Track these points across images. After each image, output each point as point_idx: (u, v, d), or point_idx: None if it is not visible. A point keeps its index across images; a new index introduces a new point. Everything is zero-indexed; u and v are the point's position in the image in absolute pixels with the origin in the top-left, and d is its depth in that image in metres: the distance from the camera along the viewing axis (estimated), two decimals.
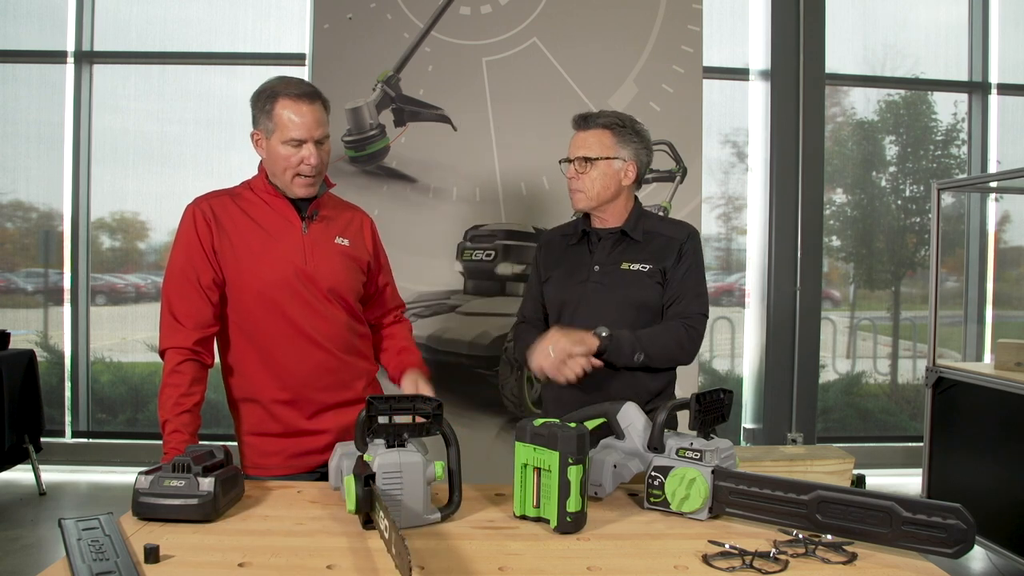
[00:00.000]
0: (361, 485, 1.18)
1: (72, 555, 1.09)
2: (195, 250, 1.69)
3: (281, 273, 1.70)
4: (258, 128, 1.70)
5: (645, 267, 1.88)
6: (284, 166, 1.68)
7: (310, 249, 1.73)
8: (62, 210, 4.63)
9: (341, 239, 1.79)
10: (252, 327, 1.72)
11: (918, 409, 4.84)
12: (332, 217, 1.80)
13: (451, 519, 1.33)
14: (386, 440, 1.29)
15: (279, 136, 1.66)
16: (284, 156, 1.67)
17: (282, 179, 1.70)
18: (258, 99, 1.70)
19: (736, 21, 4.72)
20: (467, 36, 3.13)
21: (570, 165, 1.91)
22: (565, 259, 1.98)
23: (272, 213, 1.74)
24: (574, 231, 2.00)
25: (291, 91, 1.67)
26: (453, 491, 1.33)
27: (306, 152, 1.67)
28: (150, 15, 4.61)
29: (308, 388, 1.73)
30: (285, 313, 1.71)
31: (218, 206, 1.73)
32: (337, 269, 1.76)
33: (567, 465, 1.25)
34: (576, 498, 1.26)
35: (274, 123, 1.66)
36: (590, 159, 1.87)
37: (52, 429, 4.37)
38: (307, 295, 1.72)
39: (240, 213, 1.73)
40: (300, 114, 1.65)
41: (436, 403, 1.32)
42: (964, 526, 1.11)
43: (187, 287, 1.69)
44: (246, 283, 1.70)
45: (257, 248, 1.70)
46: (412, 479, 1.25)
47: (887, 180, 5.04)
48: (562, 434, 1.26)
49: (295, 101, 1.66)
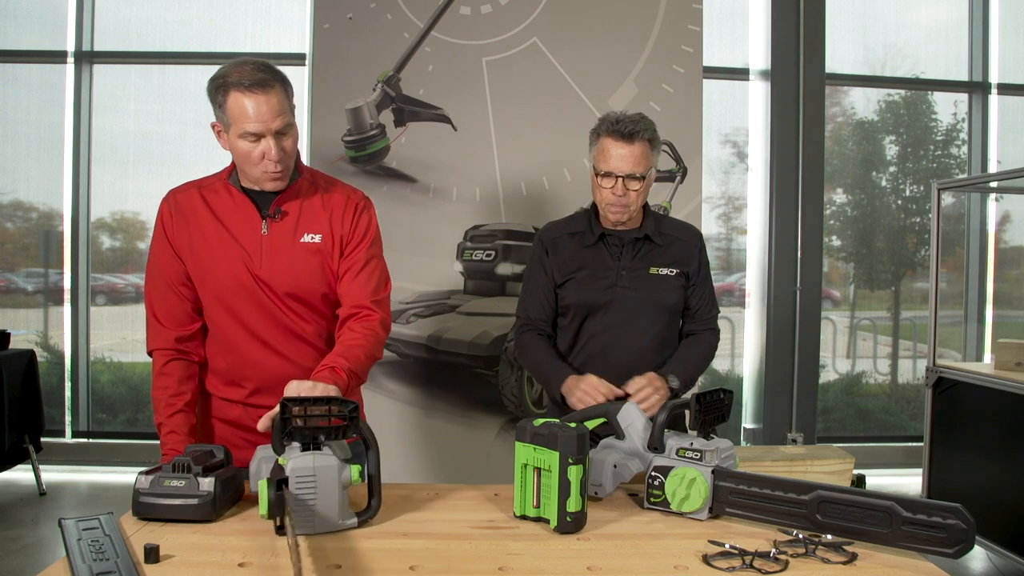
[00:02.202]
0: (274, 489, 1.17)
1: (72, 555, 1.09)
2: (163, 247, 1.64)
3: (234, 276, 1.61)
4: (217, 120, 1.57)
5: (672, 271, 1.92)
6: (246, 161, 1.56)
7: (268, 251, 1.61)
8: (62, 210, 4.63)
9: (310, 236, 1.63)
10: (213, 327, 1.67)
11: (918, 409, 4.83)
12: (300, 211, 1.65)
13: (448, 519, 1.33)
14: (302, 443, 1.25)
15: (235, 130, 1.52)
16: (244, 151, 1.54)
17: (250, 173, 1.59)
18: (211, 89, 1.54)
19: (736, 21, 4.72)
20: (467, 36, 3.13)
21: (616, 182, 1.84)
22: (585, 261, 1.94)
23: (233, 209, 1.63)
24: (586, 231, 1.96)
25: (243, 80, 1.49)
26: (372, 496, 1.30)
27: (265, 146, 1.53)
28: (150, 15, 4.61)
29: (262, 395, 1.65)
30: (240, 318, 1.63)
31: (184, 200, 1.64)
32: (298, 271, 1.62)
33: (567, 465, 1.25)
34: (576, 498, 1.26)
35: (228, 116, 1.52)
36: (640, 177, 1.84)
37: (52, 429, 4.37)
38: (262, 300, 1.62)
39: (203, 208, 1.63)
40: (254, 106, 1.49)
41: (352, 405, 1.28)
42: (964, 526, 1.11)
43: (161, 286, 1.64)
44: (203, 283, 1.63)
45: (213, 247, 1.61)
46: (326, 483, 1.22)
47: (887, 180, 5.04)
48: (562, 434, 1.26)
49: (246, 93, 1.49)
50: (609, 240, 1.93)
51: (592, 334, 1.93)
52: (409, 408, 3.10)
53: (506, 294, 3.12)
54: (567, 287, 1.95)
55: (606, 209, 1.88)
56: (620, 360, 1.89)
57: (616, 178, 1.83)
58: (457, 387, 3.10)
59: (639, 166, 1.83)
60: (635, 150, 1.82)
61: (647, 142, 1.84)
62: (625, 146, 1.82)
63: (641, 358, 1.90)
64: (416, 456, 3.11)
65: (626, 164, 1.82)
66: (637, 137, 1.82)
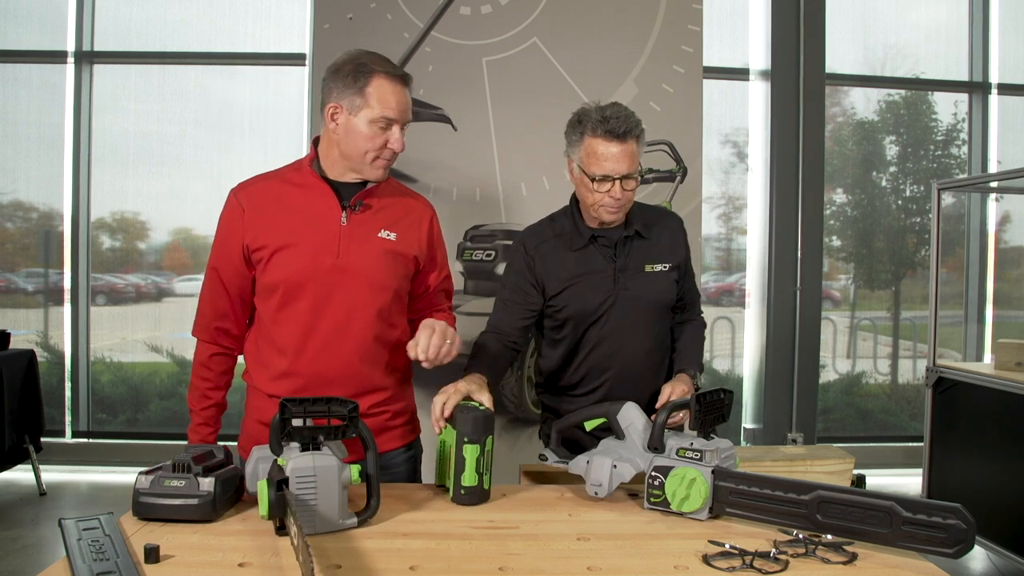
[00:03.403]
0: (274, 490, 1.17)
1: (72, 555, 1.09)
2: (223, 243, 1.66)
3: (310, 265, 1.60)
4: (339, 101, 1.58)
5: (666, 266, 1.86)
6: (365, 147, 1.59)
7: (346, 242, 1.62)
8: (62, 210, 4.63)
9: (387, 233, 1.66)
10: (272, 319, 1.64)
11: (918, 409, 4.83)
12: (381, 207, 1.68)
13: (448, 519, 1.33)
14: (301, 443, 1.25)
15: (368, 114, 1.57)
16: (368, 136, 1.58)
17: (358, 161, 1.61)
18: (348, 72, 1.57)
19: (736, 21, 4.72)
20: (467, 36, 3.13)
21: (613, 184, 1.72)
22: (579, 267, 1.83)
23: (313, 199, 1.64)
24: (573, 232, 1.85)
25: (390, 69, 1.58)
26: (371, 495, 1.30)
27: (395, 134, 1.60)
28: (150, 15, 4.61)
29: (309, 391, 1.63)
30: (304, 311, 1.62)
31: (256, 193, 1.65)
32: (375, 266, 1.64)
33: (462, 443, 1.39)
34: (471, 474, 1.39)
35: (365, 99, 1.56)
36: (635, 176, 1.74)
37: (52, 429, 4.37)
38: (335, 294, 1.61)
39: (280, 198, 1.64)
40: (397, 94, 1.58)
41: (352, 405, 1.28)
42: (964, 526, 1.11)
43: (215, 279, 1.67)
44: (283, 271, 1.61)
45: (290, 237, 1.61)
46: (326, 483, 1.22)
47: (887, 180, 5.04)
48: (461, 416, 1.41)
49: (393, 81, 1.58)
50: (600, 241, 1.84)
51: (595, 343, 1.85)
52: None
53: None
54: (563, 297, 1.83)
55: (599, 211, 1.77)
56: (626, 366, 1.84)
57: (613, 181, 1.72)
58: None
59: (633, 164, 1.73)
60: (628, 148, 1.71)
61: (637, 138, 1.74)
62: (618, 145, 1.71)
63: (648, 361, 1.87)
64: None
65: (622, 165, 1.71)
66: (630, 135, 1.71)
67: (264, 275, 1.63)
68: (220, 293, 1.67)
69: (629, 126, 1.70)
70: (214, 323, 1.69)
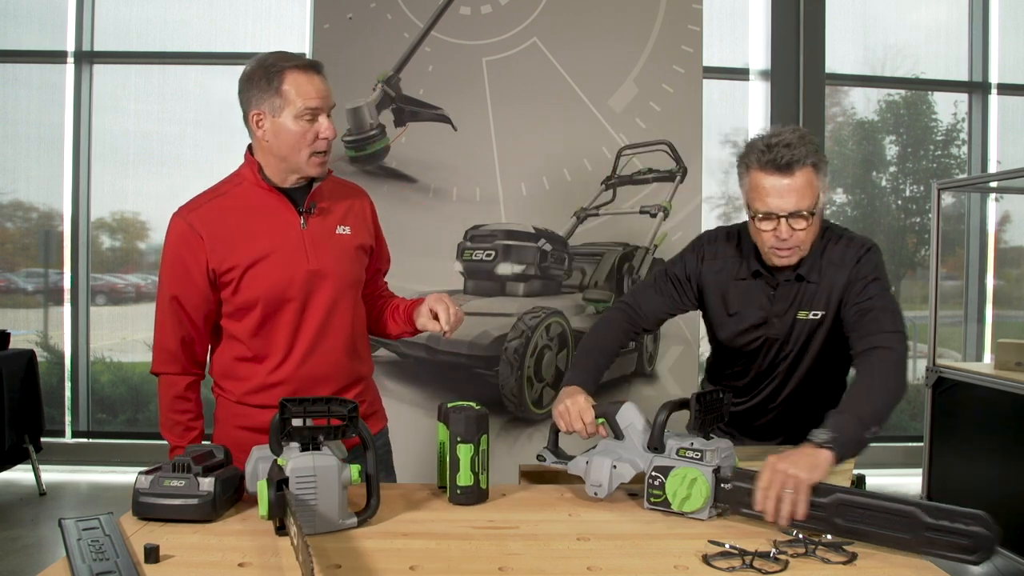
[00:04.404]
0: (274, 490, 1.17)
1: (72, 555, 1.09)
2: (179, 271, 1.61)
3: (285, 275, 1.60)
4: (259, 108, 1.58)
5: (817, 315, 1.63)
6: (298, 144, 1.58)
7: (311, 245, 1.62)
8: (62, 210, 4.63)
9: (343, 228, 1.69)
10: (251, 336, 1.62)
11: (918, 409, 4.83)
12: (330, 206, 1.69)
13: (448, 519, 1.33)
14: (300, 443, 1.25)
15: (291, 110, 1.56)
16: (298, 132, 1.57)
17: (295, 160, 1.60)
18: (260, 76, 1.57)
19: (736, 21, 4.72)
20: (467, 36, 3.13)
21: (778, 223, 1.52)
22: (736, 298, 1.70)
23: (266, 209, 1.62)
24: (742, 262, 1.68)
25: (297, 62, 1.58)
26: (371, 495, 1.30)
27: (323, 123, 1.58)
28: (150, 15, 4.61)
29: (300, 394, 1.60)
30: (288, 321, 1.61)
31: (208, 214, 1.61)
32: (342, 262, 1.66)
33: (456, 443, 1.40)
34: (466, 473, 1.39)
35: (283, 97, 1.56)
36: (808, 213, 1.51)
37: (52, 429, 4.37)
38: (314, 297, 1.63)
39: (230, 216, 1.61)
40: (314, 83, 1.57)
41: (352, 405, 1.29)
42: (988, 533, 1.09)
43: (176, 308, 1.62)
44: (255, 287, 1.59)
45: (259, 252, 1.59)
46: (326, 483, 1.22)
47: (887, 180, 5.04)
48: (454, 415, 1.41)
49: (306, 71, 1.58)
50: (762, 279, 1.67)
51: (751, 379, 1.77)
52: (409, 408, 3.09)
53: (506, 294, 3.12)
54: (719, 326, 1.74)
55: (769, 253, 1.58)
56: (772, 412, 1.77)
57: (777, 218, 1.52)
58: (457, 387, 3.10)
59: (804, 200, 1.50)
60: (796, 182, 1.49)
61: (810, 167, 1.50)
62: (783, 179, 1.49)
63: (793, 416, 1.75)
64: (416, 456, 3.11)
65: (788, 202, 1.49)
66: (797, 166, 1.49)
67: (238, 295, 1.61)
68: (184, 321, 1.63)
69: (796, 156, 1.49)
70: (182, 352, 1.64)
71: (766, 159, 1.50)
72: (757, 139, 1.56)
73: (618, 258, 3.15)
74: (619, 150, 3.14)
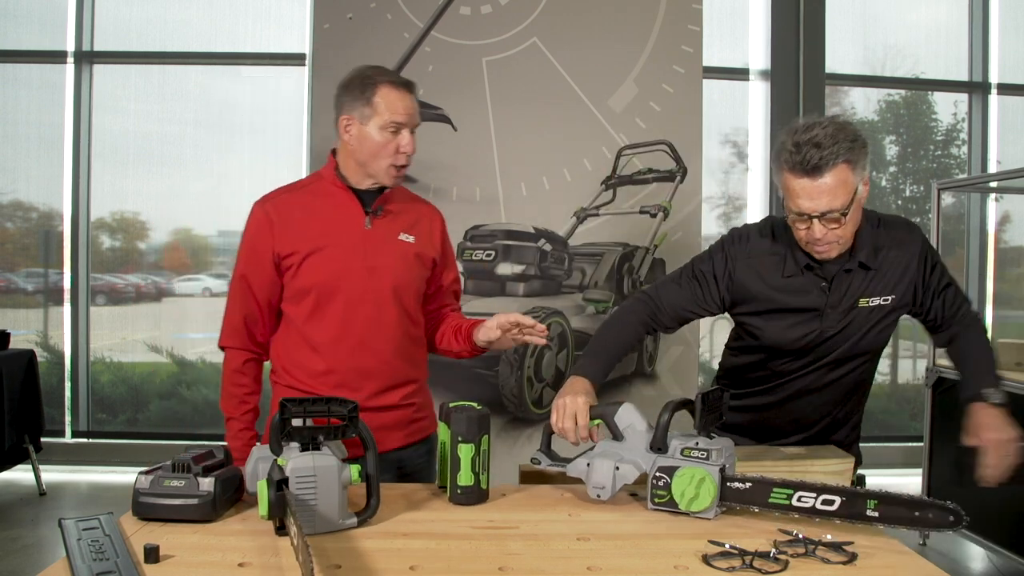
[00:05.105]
0: (274, 490, 1.17)
1: (72, 555, 1.09)
2: (251, 253, 1.73)
3: (342, 267, 1.70)
4: (350, 114, 1.70)
5: (886, 299, 1.60)
6: (379, 153, 1.69)
7: (372, 245, 1.73)
8: (62, 210, 4.64)
9: (406, 235, 1.77)
10: (304, 321, 1.72)
11: (918, 409, 4.83)
12: (398, 212, 1.79)
13: (448, 519, 1.33)
14: (300, 443, 1.26)
15: (378, 121, 1.68)
16: (381, 142, 1.69)
17: (374, 167, 1.71)
18: (355, 86, 1.70)
19: (736, 21, 4.72)
20: (467, 36, 3.13)
21: (811, 223, 1.50)
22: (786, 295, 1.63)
23: (336, 206, 1.74)
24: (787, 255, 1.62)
25: (392, 78, 1.71)
26: (370, 495, 1.30)
27: (404, 137, 1.69)
28: (150, 15, 4.61)
29: (346, 388, 1.70)
30: (339, 310, 1.70)
31: (282, 204, 1.74)
32: (399, 266, 1.75)
33: (457, 442, 1.39)
34: (467, 473, 1.39)
35: (373, 108, 1.68)
36: (841, 213, 1.48)
37: (52, 429, 4.37)
38: (367, 292, 1.71)
39: (303, 207, 1.73)
40: (403, 100, 1.69)
41: (352, 405, 1.29)
42: None
43: (244, 287, 1.73)
44: (306, 277, 1.70)
45: (319, 242, 1.70)
46: (326, 483, 1.22)
47: (887, 180, 5.04)
48: (455, 415, 1.40)
49: (397, 88, 1.69)
50: (814, 272, 1.61)
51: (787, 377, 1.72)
52: None
53: (506, 294, 3.12)
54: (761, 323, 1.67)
55: (808, 248, 1.57)
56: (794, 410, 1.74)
57: (810, 219, 1.50)
58: (457, 387, 3.10)
59: (837, 200, 1.46)
60: (827, 183, 1.46)
61: (844, 165, 1.46)
62: (813, 181, 1.46)
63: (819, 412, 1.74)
64: None
65: (819, 204, 1.47)
66: (827, 167, 1.45)
67: (296, 280, 1.71)
68: (250, 300, 1.74)
69: (826, 157, 1.45)
70: (245, 329, 1.74)
71: (795, 160, 1.47)
72: (787, 136, 1.51)
73: (618, 258, 3.15)
74: (619, 150, 3.14)
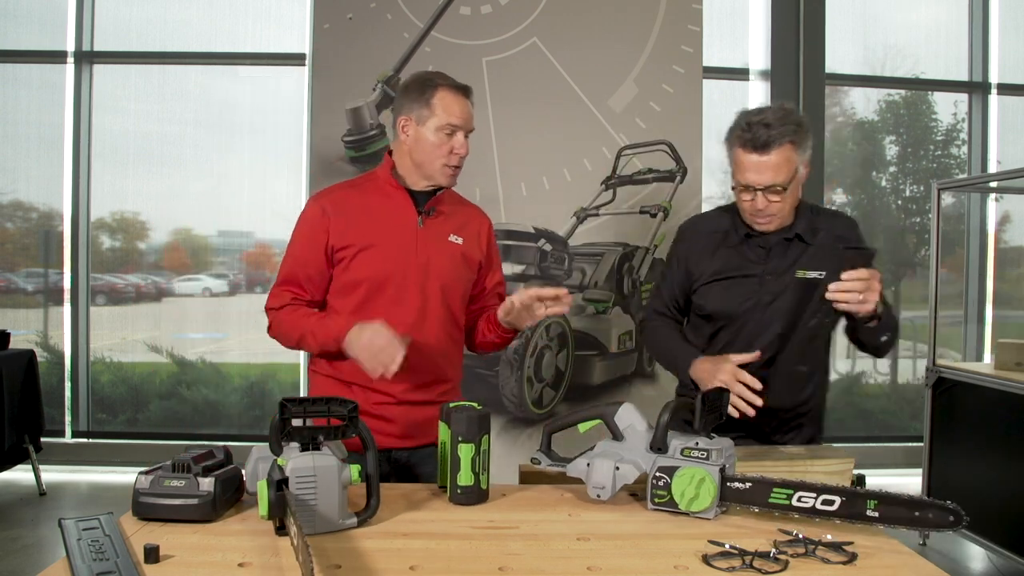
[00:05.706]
0: (274, 490, 1.17)
1: (72, 555, 1.09)
2: (306, 241, 1.77)
3: (394, 264, 1.74)
4: (408, 115, 1.76)
5: (820, 274, 1.72)
6: (434, 154, 1.75)
7: (423, 244, 1.77)
8: (62, 210, 4.64)
9: (455, 237, 1.82)
10: (351, 314, 1.74)
11: (918, 409, 4.83)
12: (449, 214, 1.84)
13: (448, 519, 1.33)
14: (300, 443, 1.26)
15: (435, 122, 1.73)
16: (436, 143, 1.74)
17: (429, 167, 1.77)
18: (415, 88, 1.76)
19: (736, 21, 4.72)
20: (467, 36, 3.13)
21: (755, 195, 1.67)
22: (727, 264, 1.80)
23: (390, 205, 1.78)
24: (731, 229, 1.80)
25: (451, 82, 1.77)
26: (371, 495, 1.30)
27: (459, 139, 1.75)
28: (150, 15, 4.61)
29: (385, 381, 1.69)
30: (386, 305, 1.73)
31: (338, 200, 1.78)
32: (447, 266, 1.79)
33: (457, 442, 1.39)
34: (467, 473, 1.39)
35: (431, 110, 1.73)
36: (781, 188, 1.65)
37: (52, 429, 4.37)
38: (416, 289, 1.75)
39: (358, 203, 1.78)
40: (460, 103, 1.75)
41: (352, 405, 1.29)
42: None
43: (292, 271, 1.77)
44: (358, 271, 1.74)
45: (373, 238, 1.75)
46: (326, 483, 1.22)
47: (887, 180, 5.04)
48: (455, 415, 1.40)
49: (455, 92, 1.76)
50: (754, 240, 1.78)
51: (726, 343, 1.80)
52: None
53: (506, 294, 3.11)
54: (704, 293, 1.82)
55: (750, 219, 1.74)
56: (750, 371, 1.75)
57: (755, 191, 1.67)
58: None
59: (780, 175, 1.63)
60: (772, 159, 1.62)
61: (788, 145, 1.62)
62: (761, 156, 1.63)
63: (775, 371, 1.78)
64: None
65: (764, 177, 1.64)
66: (774, 145, 1.61)
67: (347, 273, 1.76)
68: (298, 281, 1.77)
69: (773, 136, 1.62)
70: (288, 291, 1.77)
71: (746, 138, 1.64)
72: (740, 117, 1.69)
73: (618, 258, 3.15)
74: (619, 150, 3.14)
